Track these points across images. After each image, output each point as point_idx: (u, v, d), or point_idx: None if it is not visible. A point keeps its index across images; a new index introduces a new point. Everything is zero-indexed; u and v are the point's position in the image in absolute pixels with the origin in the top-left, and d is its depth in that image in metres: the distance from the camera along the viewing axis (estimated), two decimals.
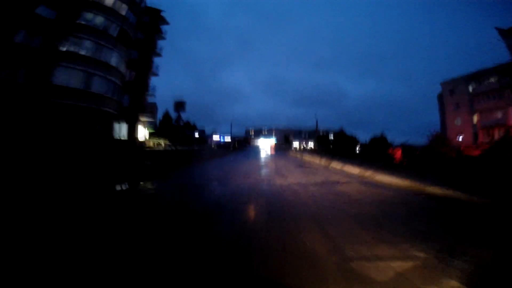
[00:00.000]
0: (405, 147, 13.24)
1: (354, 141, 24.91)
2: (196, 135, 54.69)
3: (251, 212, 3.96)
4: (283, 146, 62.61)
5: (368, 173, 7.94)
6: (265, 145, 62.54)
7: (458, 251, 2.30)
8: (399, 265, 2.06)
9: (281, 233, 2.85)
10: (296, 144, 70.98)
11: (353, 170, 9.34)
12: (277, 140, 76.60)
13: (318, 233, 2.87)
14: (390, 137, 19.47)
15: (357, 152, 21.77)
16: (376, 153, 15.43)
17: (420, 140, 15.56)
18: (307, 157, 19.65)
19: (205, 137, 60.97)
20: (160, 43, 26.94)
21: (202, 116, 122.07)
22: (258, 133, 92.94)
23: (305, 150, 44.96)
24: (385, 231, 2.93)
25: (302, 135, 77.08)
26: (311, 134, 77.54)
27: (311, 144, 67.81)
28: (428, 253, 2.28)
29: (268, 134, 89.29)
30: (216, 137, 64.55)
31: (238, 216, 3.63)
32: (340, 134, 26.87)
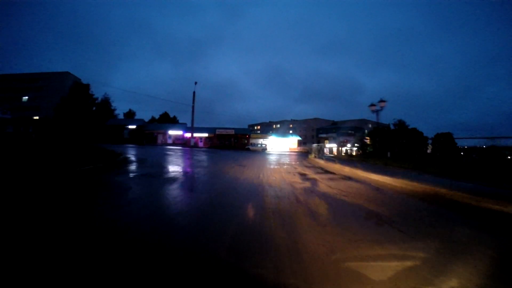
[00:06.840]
0: None
1: (421, 138, 18.89)
2: (132, 126, 37.95)
3: None
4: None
5: None
6: (279, 148, 38.88)
7: None
8: None
9: None
10: (330, 146, 44.04)
11: None
12: (303, 139, 50.09)
13: None
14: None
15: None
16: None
17: None
18: None
19: (153, 132, 38.31)
20: None
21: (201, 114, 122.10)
22: (268, 129, 66.96)
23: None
24: None
25: (334, 131, 51.89)
26: (344, 130, 50.54)
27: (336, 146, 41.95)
28: None
29: (283, 130, 61.11)
30: (175, 132, 38.31)
31: None
32: (402, 129, 19.59)
